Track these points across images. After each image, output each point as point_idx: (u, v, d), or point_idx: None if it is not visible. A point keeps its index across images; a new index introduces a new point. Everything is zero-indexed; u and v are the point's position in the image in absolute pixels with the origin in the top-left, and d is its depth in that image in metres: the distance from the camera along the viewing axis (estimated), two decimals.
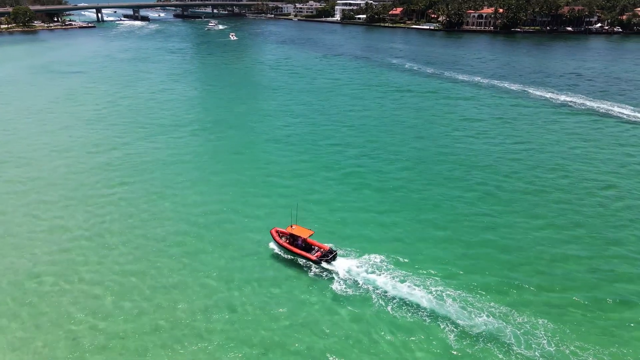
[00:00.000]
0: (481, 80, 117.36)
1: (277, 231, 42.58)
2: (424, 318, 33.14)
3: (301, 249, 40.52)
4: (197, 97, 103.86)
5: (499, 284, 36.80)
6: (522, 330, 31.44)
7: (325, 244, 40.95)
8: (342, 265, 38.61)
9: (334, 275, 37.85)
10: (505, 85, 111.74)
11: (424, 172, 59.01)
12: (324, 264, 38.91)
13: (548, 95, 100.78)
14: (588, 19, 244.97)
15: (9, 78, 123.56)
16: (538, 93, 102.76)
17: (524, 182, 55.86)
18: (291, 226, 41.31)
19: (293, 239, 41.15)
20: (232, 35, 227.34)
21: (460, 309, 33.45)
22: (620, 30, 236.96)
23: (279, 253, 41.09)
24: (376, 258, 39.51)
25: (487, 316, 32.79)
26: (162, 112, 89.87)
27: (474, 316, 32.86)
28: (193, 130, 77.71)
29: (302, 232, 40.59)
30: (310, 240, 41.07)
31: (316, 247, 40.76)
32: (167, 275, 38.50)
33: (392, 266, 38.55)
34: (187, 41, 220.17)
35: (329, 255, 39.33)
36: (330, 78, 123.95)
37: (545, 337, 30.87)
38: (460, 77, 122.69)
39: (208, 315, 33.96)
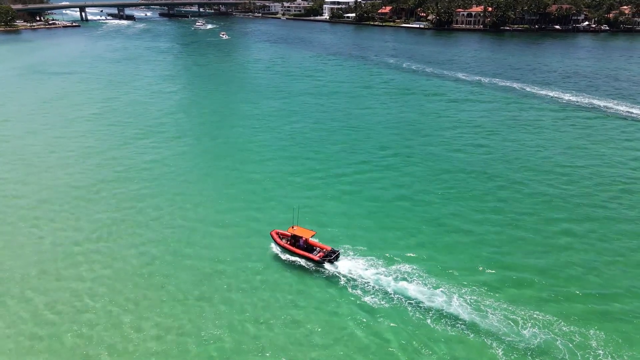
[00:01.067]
0: (482, 79, 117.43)
1: (277, 233, 42.22)
2: (430, 315, 33.58)
3: (303, 250, 40.24)
4: (195, 98, 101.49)
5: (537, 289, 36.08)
6: (573, 343, 30.49)
7: (327, 245, 40.80)
8: (345, 265, 38.63)
9: (337, 275, 37.78)
10: (507, 84, 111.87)
11: (432, 173, 58.85)
12: (326, 265, 38.79)
13: (552, 94, 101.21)
14: (575, 17, 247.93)
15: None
16: (543, 92, 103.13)
17: (546, 185, 55.39)
18: (292, 227, 41.02)
19: (294, 240, 40.88)
20: (222, 34, 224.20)
21: (471, 308, 33.73)
22: (607, 28, 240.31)
23: (280, 255, 40.78)
24: (379, 258, 39.48)
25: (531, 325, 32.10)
26: (159, 113, 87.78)
27: (486, 315, 33.08)
28: (191, 132, 76.12)
29: (303, 232, 40.44)
30: (311, 241, 40.90)
31: (318, 248, 40.50)
32: (161, 284, 37.49)
33: (397, 265, 38.61)
34: (177, 40, 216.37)
35: (332, 256, 39.22)
36: (328, 78, 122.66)
37: (599, 347, 29.99)
38: (461, 75, 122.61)
39: (210, 319, 33.55)
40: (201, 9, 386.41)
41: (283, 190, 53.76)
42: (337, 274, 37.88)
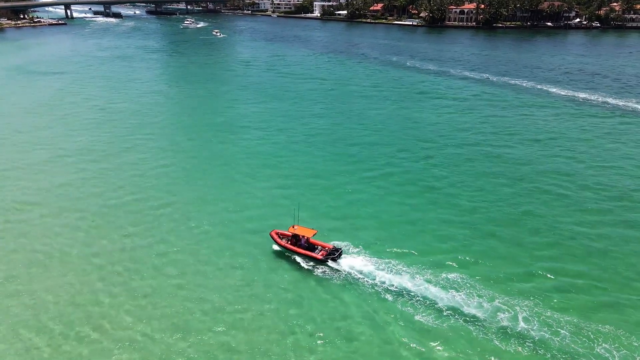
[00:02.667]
0: (490, 77, 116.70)
1: (277, 233, 41.62)
2: (423, 306, 34.05)
3: (305, 249, 39.74)
4: (197, 98, 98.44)
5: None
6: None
7: (329, 243, 40.50)
8: (348, 262, 38.28)
9: (341, 273, 37.52)
10: (517, 82, 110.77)
11: (434, 169, 59.59)
12: (330, 263, 38.29)
13: (564, 92, 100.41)
14: (567, 14, 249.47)
15: None
16: (554, 90, 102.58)
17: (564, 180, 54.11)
18: (293, 227, 40.51)
19: (296, 239, 40.38)
20: (216, 32, 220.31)
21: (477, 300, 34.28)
22: (598, 25, 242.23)
23: (281, 255, 40.26)
24: (383, 255, 39.33)
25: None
26: (160, 114, 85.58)
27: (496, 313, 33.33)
28: (195, 134, 74.25)
29: (305, 232, 39.95)
30: (313, 239, 40.43)
31: (319, 247, 40.11)
32: (163, 291, 36.74)
33: (402, 263, 38.52)
34: (170, 39, 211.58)
35: (335, 254, 38.78)
36: (333, 77, 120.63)
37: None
38: (468, 74, 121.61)
39: (213, 322, 33.25)
40: (189, 7, 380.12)
41: (286, 190, 53.28)
42: (341, 272, 37.60)
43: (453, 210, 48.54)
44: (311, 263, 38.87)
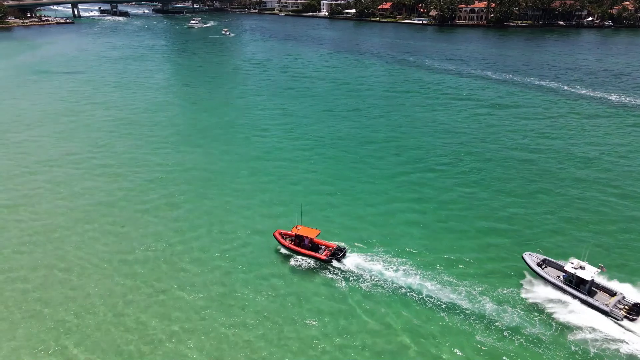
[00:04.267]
0: (514, 78, 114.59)
1: (280, 233, 41.42)
2: (431, 305, 34.05)
3: (309, 249, 39.54)
4: (212, 99, 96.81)
5: None
6: None
7: (332, 242, 40.31)
8: (353, 262, 38.08)
9: (346, 273, 37.35)
10: (543, 83, 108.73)
11: (436, 168, 59.13)
12: (334, 263, 38.06)
13: (594, 94, 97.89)
14: (579, 13, 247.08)
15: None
16: (582, 91, 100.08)
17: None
18: (296, 227, 40.29)
19: (299, 239, 40.14)
20: (225, 31, 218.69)
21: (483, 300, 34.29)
22: (611, 23, 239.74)
23: (285, 255, 39.98)
24: (387, 254, 39.14)
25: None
26: (177, 115, 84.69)
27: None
28: (213, 134, 73.65)
29: (308, 232, 39.75)
30: (316, 239, 40.17)
31: (323, 246, 39.84)
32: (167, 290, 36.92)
33: (407, 260, 38.63)
34: (179, 38, 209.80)
35: (339, 254, 38.68)
36: (351, 78, 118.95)
37: None
38: (490, 74, 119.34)
39: (216, 324, 33.24)
40: (195, 5, 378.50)
41: (292, 190, 53.35)
42: (345, 271, 37.43)
43: (464, 214, 47.94)
44: (315, 263, 38.66)
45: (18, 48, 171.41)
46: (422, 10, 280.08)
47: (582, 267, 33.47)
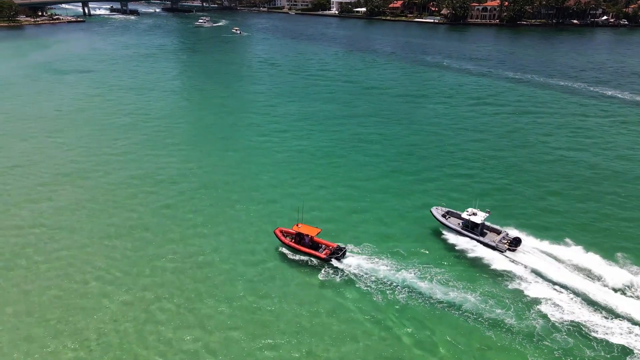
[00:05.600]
0: (535, 78, 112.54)
1: (281, 231, 41.36)
2: (430, 304, 34.28)
3: (308, 248, 39.56)
4: (227, 99, 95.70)
5: None
6: None
7: (333, 242, 40.18)
8: (352, 262, 38.04)
9: (344, 272, 37.23)
10: (567, 83, 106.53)
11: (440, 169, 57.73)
12: (333, 262, 38.01)
13: (621, 95, 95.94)
14: (593, 12, 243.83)
15: (14, 79, 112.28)
16: (609, 93, 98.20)
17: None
18: (297, 225, 40.31)
19: (300, 237, 40.13)
20: (236, 29, 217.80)
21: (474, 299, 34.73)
22: (626, 23, 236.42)
23: (285, 253, 39.97)
24: (386, 253, 39.26)
25: None
26: (191, 115, 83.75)
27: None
28: (229, 135, 73.03)
29: (309, 230, 39.74)
30: (317, 238, 40.13)
31: (324, 245, 39.81)
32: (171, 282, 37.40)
33: (406, 261, 38.64)
34: (191, 37, 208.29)
35: (339, 253, 38.65)
36: (373, 77, 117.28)
37: None
38: (511, 74, 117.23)
39: (215, 322, 33.25)
40: (204, 4, 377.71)
41: (296, 189, 53.39)
42: (344, 271, 37.35)
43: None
44: (315, 262, 38.61)
45: (30, 47, 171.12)
46: (433, 8, 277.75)
47: (474, 214, 41.54)
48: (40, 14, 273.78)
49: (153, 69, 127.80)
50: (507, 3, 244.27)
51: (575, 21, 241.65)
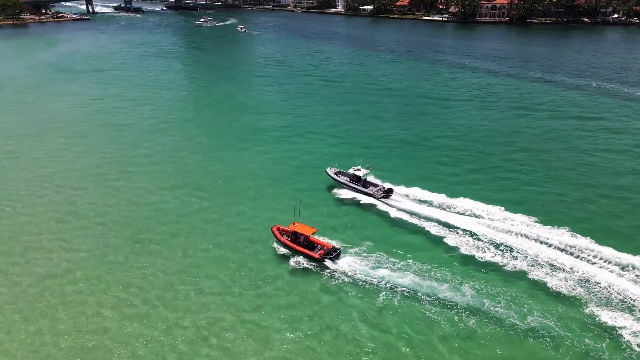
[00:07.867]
0: (564, 79, 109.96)
1: (278, 229, 41.39)
2: (428, 307, 33.76)
3: (304, 247, 39.45)
4: (243, 99, 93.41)
5: None
6: None
7: (329, 242, 40.17)
8: (346, 263, 37.99)
9: (338, 273, 37.06)
10: (600, 84, 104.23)
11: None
12: (327, 262, 37.92)
13: None
14: (604, 10, 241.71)
15: (20, 79, 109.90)
16: None
17: None
18: (293, 224, 40.23)
19: (295, 236, 40.10)
20: (241, 27, 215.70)
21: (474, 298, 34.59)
22: (637, 21, 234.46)
23: (281, 251, 40.03)
24: (382, 254, 39.03)
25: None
26: (202, 119, 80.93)
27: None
28: (242, 137, 70.56)
29: (304, 229, 39.66)
30: (312, 238, 40.10)
31: (319, 245, 39.75)
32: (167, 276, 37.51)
33: (401, 261, 38.31)
34: (198, 36, 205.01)
35: (333, 254, 38.50)
36: (390, 78, 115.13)
37: None
38: (531, 73, 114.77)
39: (215, 320, 33.09)
40: (208, 2, 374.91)
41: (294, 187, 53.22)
42: (337, 271, 37.19)
43: None
44: (310, 261, 38.54)
45: (36, 45, 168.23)
46: (441, 6, 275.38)
47: (358, 169, 51.06)
48: (44, 12, 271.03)
49: (161, 69, 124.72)
50: (516, 1, 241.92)
51: (585, 19, 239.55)
